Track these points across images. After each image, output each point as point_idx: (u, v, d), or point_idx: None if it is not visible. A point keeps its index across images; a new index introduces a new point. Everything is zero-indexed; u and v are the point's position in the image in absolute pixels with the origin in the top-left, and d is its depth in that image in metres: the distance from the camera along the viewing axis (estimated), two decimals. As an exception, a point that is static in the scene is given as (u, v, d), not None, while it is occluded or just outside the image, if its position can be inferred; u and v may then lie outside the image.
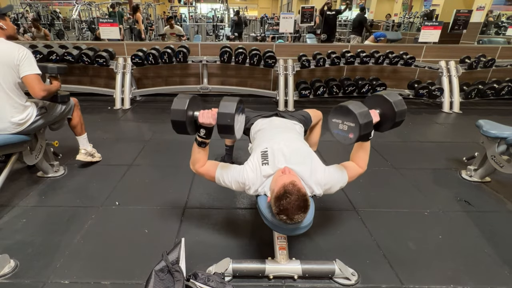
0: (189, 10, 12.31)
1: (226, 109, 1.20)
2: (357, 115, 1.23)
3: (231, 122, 1.20)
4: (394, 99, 1.32)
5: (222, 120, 1.20)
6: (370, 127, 1.28)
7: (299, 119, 1.81)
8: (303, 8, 5.71)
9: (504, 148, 1.99)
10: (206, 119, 1.27)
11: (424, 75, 4.40)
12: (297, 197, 1.10)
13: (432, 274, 1.43)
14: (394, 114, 1.31)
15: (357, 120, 1.23)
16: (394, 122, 1.33)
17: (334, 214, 1.85)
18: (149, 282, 1.12)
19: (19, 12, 11.05)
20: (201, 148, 1.37)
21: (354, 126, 1.25)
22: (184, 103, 1.23)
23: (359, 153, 1.43)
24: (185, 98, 1.26)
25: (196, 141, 1.37)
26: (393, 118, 1.32)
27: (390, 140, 3.04)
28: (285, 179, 1.16)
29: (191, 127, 1.30)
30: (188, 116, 1.25)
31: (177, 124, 1.26)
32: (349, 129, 1.29)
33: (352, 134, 1.28)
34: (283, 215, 1.11)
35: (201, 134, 1.33)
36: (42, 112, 1.93)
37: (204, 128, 1.32)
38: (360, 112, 1.25)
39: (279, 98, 3.97)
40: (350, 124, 1.28)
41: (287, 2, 21.46)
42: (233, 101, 1.23)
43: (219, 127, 1.23)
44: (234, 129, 1.22)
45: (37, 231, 1.65)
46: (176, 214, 1.81)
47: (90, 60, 3.79)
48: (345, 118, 1.30)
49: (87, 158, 2.33)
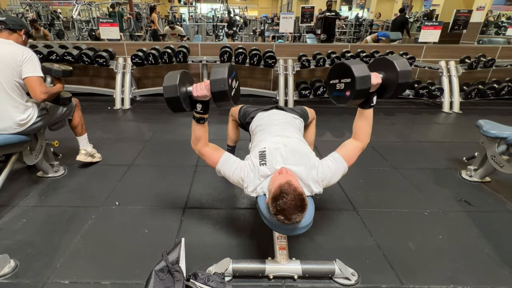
0: (189, 10, 12.31)
1: (218, 75, 1.16)
2: (353, 68, 1.16)
3: (225, 87, 1.16)
4: (397, 59, 1.25)
5: (216, 87, 1.16)
6: (367, 83, 1.20)
7: (299, 113, 1.80)
8: (303, 8, 5.72)
9: (504, 148, 1.99)
10: (200, 91, 1.23)
11: (424, 75, 4.40)
12: (293, 196, 1.09)
13: (432, 274, 1.43)
14: (397, 74, 1.22)
15: (352, 73, 1.16)
16: (397, 84, 1.24)
17: (334, 214, 1.85)
18: (149, 282, 1.12)
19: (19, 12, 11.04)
20: (200, 124, 1.34)
21: (350, 81, 1.18)
22: (175, 78, 1.20)
23: (359, 123, 1.36)
24: (175, 73, 1.22)
25: (194, 118, 1.33)
26: (396, 79, 1.23)
27: (390, 140, 3.04)
28: (281, 179, 1.16)
29: (186, 102, 1.26)
30: (181, 92, 1.22)
31: (171, 101, 1.22)
32: (346, 86, 1.22)
33: (348, 91, 1.20)
34: (280, 216, 1.11)
35: (198, 109, 1.29)
36: (43, 113, 1.93)
37: (200, 102, 1.28)
38: (356, 66, 1.18)
39: (279, 98, 3.97)
40: (347, 80, 1.20)
41: (287, 2, 21.46)
42: (223, 67, 1.19)
43: (214, 95, 1.19)
44: (229, 94, 1.17)
45: (37, 231, 1.65)
46: (176, 214, 1.81)
47: (90, 60, 3.79)
48: (342, 76, 1.23)
49: (87, 158, 2.33)
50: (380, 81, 1.27)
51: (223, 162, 1.35)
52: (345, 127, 3.29)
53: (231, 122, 2.05)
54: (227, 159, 1.36)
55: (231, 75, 1.21)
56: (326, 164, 1.33)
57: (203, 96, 1.24)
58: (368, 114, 1.35)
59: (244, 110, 1.88)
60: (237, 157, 1.39)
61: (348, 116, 3.71)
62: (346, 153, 1.36)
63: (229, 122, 2.07)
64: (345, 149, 1.39)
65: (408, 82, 1.25)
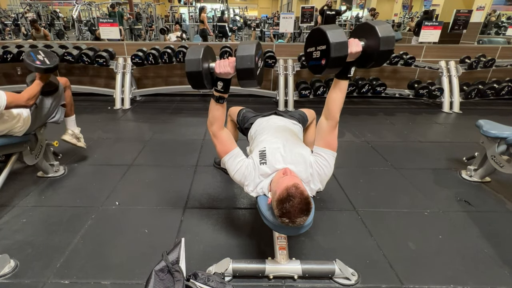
0: (189, 10, 12.30)
1: (245, 51, 1.10)
2: (328, 34, 1.06)
3: (251, 64, 1.09)
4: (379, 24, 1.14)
5: (242, 64, 1.10)
6: (343, 50, 1.09)
7: (298, 119, 1.81)
8: (303, 8, 5.72)
9: (504, 148, 1.99)
10: (223, 68, 1.18)
11: (424, 75, 4.39)
12: (300, 200, 1.09)
13: (432, 274, 1.43)
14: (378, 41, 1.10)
15: (327, 39, 1.06)
16: (379, 52, 1.12)
17: (334, 214, 1.85)
18: (149, 282, 1.12)
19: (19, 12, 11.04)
20: (219, 104, 1.29)
21: (325, 48, 1.08)
22: (199, 52, 1.14)
23: (333, 95, 1.26)
24: (199, 47, 1.17)
25: (214, 97, 1.28)
26: (377, 46, 1.11)
27: (390, 140, 3.04)
28: (288, 182, 1.15)
29: (207, 79, 1.20)
30: (204, 67, 1.16)
31: (193, 75, 1.16)
32: (321, 54, 1.11)
33: (324, 60, 1.10)
34: (285, 218, 1.11)
35: (218, 87, 1.24)
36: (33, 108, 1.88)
37: (222, 80, 1.22)
38: (332, 31, 1.07)
39: (279, 98, 3.97)
40: (322, 47, 1.10)
41: (287, 2, 21.45)
42: (251, 43, 1.13)
43: (239, 72, 1.13)
44: (255, 72, 1.10)
45: (37, 231, 1.65)
46: (176, 214, 1.81)
47: (90, 60, 3.79)
48: (318, 43, 1.13)
49: (73, 140, 2.29)
50: (360, 49, 1.15)
51: (231, 156, 1.33)
52: (345, 127, 3.29)
53: (229, 122, 2.06)
54: (236, 154, 1.34)
55: (258, 53, 1.14)
56: (320, 162, 1.30)
57: (226, 74, 1.19)
58: (343, 86, 1.25)
59: (244, 114, 1.89)
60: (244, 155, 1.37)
61: (348, 116, 3.71)
62: (326, 141, 1.30)
63: (228, 122, 2.08)
64: (324, 137, 1.31)
65: (391, 49, 1.13)
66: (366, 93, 4.00)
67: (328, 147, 1.30)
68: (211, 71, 1.21)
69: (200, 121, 3.47)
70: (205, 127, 3.27)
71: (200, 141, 2.90)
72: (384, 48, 1.11)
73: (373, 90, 4.00)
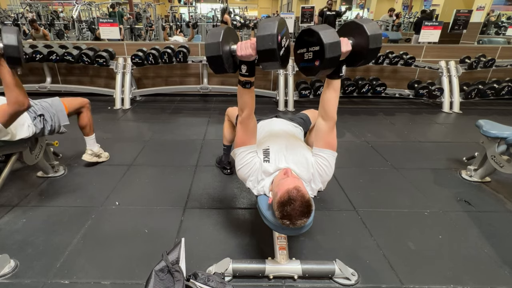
0: (189, 10, 12.31)
1: (266, 30, 1.00)
2: (321, 34, 1.04)
3: (273, 45, 0.99)
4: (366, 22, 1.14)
5: (263, 45, 1.01)
6: (337, 50, 1.07)
7: (299, 122, 1.81)
8: (303, 8, 5.72)
9: (504, 148, 1.99)
10: (245, 51, 1.10)
11: (424, 75, 4.40)
12: (301, 203, 1.09)
13: (432, 274, 1.43)
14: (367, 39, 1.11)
15: (321, 40, 1.03)
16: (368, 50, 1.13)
17: (334, 214, 1.85)
18: (149, 282, 1.12)
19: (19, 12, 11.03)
20: (247, 89, 1.23)
21: (319, 49, 1.06)
22: (219, 35, 1.06)
23: (328, 96, 1.25)
24: (219, 29, 1.09)
25: (240, 83, 1.22)
26: (366, 45, 1.12)
27: (390, 140, 3.04)
28: (289, 184, 1.15)
29: (229, 63, 1.13)
30: (224, 50, 1.09)
31: (214, 60, 1.09)
32: (314, 55, 1.09)
33: (318, 61, 1.08)
34: (286, 220, 1.11)
35: (243, 71, 1.17)
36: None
37: (245, 63, 1.15)
38: (324, 31, 1.05)
39: (279, 98, 3.97)
40: (315, 48, 1.08)
41: (287, 2, 21.45)
42: (273, 20, 1.03)
43: (260, 54, 1.05)
44: (277, 53, 1.01)
45: (37, 231, 1.65)
46: (176, 214, 1.81)
47: (90, 60, 3.79)
48: (310, 44, 1.10)
49: (93, 158, 2.34)
50: (350, 48, 1.15)
51: (246, 149, 1.30)
52: (345, 127, 3.29)
53: (227, 122, 2.06)
54: (252, 150, 1.32)
55: (281, 31, 1.05)
56: (321, 162, 1.30)
57: (248, 56, 1.11)
58: (336, 85, 1.25)
59: None
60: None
61: (348, 116, 3.71)
62: (325, 141, 1.30)
63: (225, 121, 2.08)
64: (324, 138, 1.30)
65: (379, 47, 1.14)
66: (366, 93, 4.00)
67: (328, 147, 1.30)
68: (233, 54, 1.13)
69: (200, 121, 3.47)
70: (205, 127, 3.27)
71: (200, 141, 2.90)
72: (373, 46, 1.12)
73: (373, 90, 4.01)
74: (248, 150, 1.31)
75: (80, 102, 2.19)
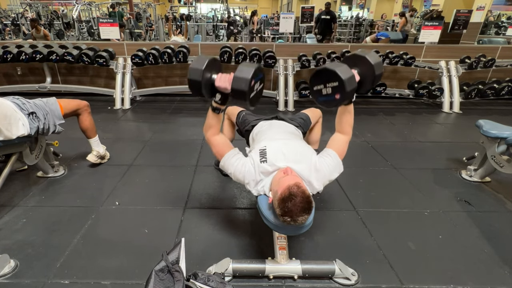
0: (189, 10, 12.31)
1: (243, 73, 1.15)
2: (338, 71, 1.18)
3: (245, 87, 1.14)
4: (367, 53, 1.30)
5: (237, 84, 1.16)
6: (354, 83, 1.23)
7: (299, 123, 1.82)
8: (303, 8, 5.73)
9: (504, 148, 1.99)
10: (222, 83, 1.23)
11: (424, 75, 4.39)
12: (301, 199, 1.10)
13: (432, 274, 1.43)
14: (372, 68, 1.27)
15: (339, 76, 1.18)
16: (374, 76, 1.28)
17: (334, 214, 1.85)
18: (149, 282, 1.12)
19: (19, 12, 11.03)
20: (215, 114, 1.35)
21: (338, 84, 1.20)
22: (203, 63, 1.20)
23: (344, 118, 1.40)
24: (204, 58, 1.22)
25: (211, 106, 1.34)
26: (372, 72, 1.28)
27: (390, 140, 3.04)
28: (289, 181, 1.16)
29: (206, 89, 1.26)
30: (205, 77, 1.22)
31: (193, 83, 1.23)
32: (334, 90, 1.24)
33: (338, 94, 1.23)
34: (287, 217, 1.11)
35: (216, 98, 1.30)
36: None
37: (220, 93, 1.28)
38: (340, 69, 1.20)
39: (279, 98, 3.97)
40: (334, 84, 1.22)
41: (287, 2, 21.45)
42: (251, 66, 1.17)
43: (233, 91, 1.19)
44: (247, 95, 1.16)
45: (37, 231, 1.65)
46: (176, 214, 1.81)
47: (90, 60, 3.79)
48: (327, 81, 1.25)
49: (97, 160, 2.34)
50: (358, 77, 1.29)
51: (227, 158, 1.35)
52: (345, 127, 3.29)
53: (226, 120, 2.07)
54: (232, 155, 1.36)
55: (256, 76, 1.20)
56: (324, 162, 1.33)
57: (224, 88, 1.24)
58: (351, 108, 1.40)
59: (244, 117, 1.89)
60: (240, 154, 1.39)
61: (348, 116, 3.71)
62: (338, 148, 1.39)
63: (225, 120, 2.09)
64: (336, 144, 1.40)
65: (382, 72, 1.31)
66: (366, 93, 4.00)
67: (339, 154, 1.36)
68: (212, 82, 1.26)
69: (200, 121, 3.45)
70: (205, 127, 3.27)
71: (200, 141, 2.90)
72: (378, 72, 1.29)
73: (373, 90, 4.00)
74: (229, 157, 1.35)
75: (77, 104, 2.17)
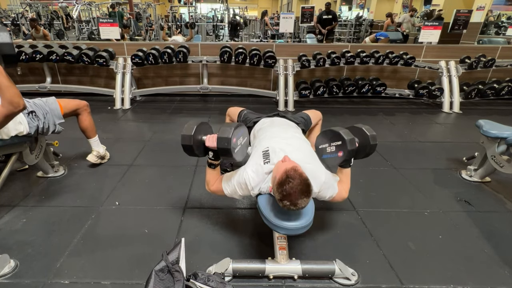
0: (189, 10, 12.30)
1: (224, 133, 1.31)
2: (342, 133, 1.40)
3: (228, 145, 1.30)
4: (363, 126, 1.53)
5: (220, 144, 1.32)
6: (354, 144, 1.42)
7: (300, 121, 1.83)
8: (303, 8, 5.72)
9: (504, 148, 1.99)
10: (211, 143, 1.37)
11: (424, 75, 4.39)
12: (299, 181, 1.11)
13: (432, 274, 1.43)
14: (368, 138, 1.47)
15: (343, 137, 1.39)
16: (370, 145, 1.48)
17: (334, 214, 1.85)
18: (149, 282, 1.12)
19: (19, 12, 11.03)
20: (211, 169, 1.47)
21: (341, 143, 1.41)
22: (192, 129, 1.38)
23: (341, 179, 1.50)
24: (193, 124, 1.40)
25: (207, 163, 1.47)
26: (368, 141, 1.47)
27: (390, 140, 3.04)
28: (287, 165, 1.17)
29: (199, 150, 1.42)
30: (196, 141, 1.39)
31: (186, 147, 1.41)
32: (337, 148, 1.44)
33: (341, 152, 1.42)
34: (286, 201, 1.11)
35: (210, 156, 1.44)
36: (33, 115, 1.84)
37: (212, 151, 1.42)
38: (343, 131, 1.42)
39: (279, 98, 3.97)
40: (337, 143, 1.43)
41: (287, 2, 21.45)
42: (231, 127, 1.34)
43: (219, 150, 1.36)
44: (231, 152, 1.32)
45: (37, 231, 1.65)
46: (176, 214, 1.81)
47: (90, 60, 3.79)
48: (331, 140, 1.46)
49: (97, 160, 2.34)
50: (357, 145, 1.46)
51: (224, 184, 1.43)
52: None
53: (228, 121, 2.07)
54: (226, 177, 1.44)
55: (237, 134, 1.36)
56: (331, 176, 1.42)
57: (213, 147, 1.37)
58: (347, 172, 1.53)
59: (245, 115, 1.91)
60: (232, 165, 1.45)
61: (348, 116, 3.71)
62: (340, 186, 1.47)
63: (226, 121, 2.10)
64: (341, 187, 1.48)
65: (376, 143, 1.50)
66: (366, 93, 4.00)
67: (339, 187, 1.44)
68: (203, 143, 1.42)
69: (200, 121, 3.46)
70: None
71: (200, 141, 2.90)
72: (373, 142, 1.48)
73: (373, 90, 4.01)
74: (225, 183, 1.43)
75: (77, 104, 2.16)
